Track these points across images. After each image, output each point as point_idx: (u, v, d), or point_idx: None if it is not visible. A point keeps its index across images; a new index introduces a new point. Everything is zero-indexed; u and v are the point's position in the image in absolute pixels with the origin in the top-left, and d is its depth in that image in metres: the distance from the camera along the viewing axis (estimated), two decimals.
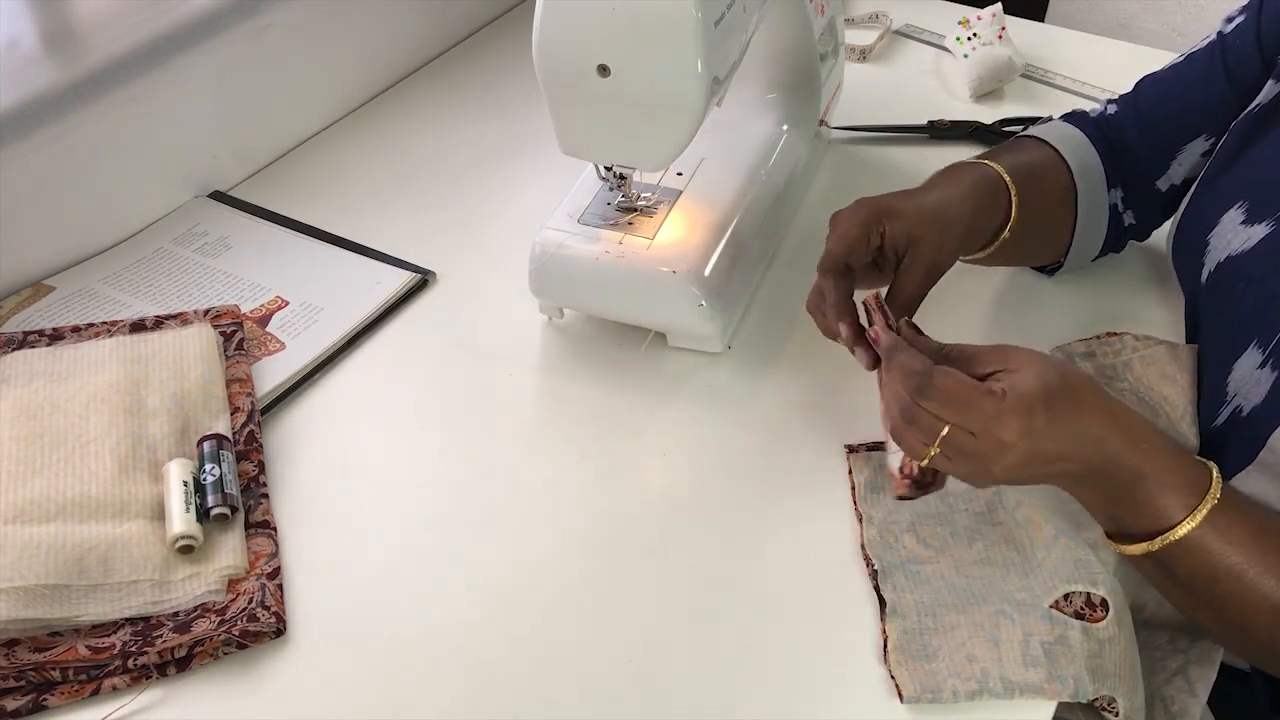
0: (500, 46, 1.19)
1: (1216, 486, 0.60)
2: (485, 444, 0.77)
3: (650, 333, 0.83)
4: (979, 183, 0.75)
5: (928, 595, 0.65)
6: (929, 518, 0.69)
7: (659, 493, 0.74)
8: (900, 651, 0.63)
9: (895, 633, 0.64)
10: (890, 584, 0.66)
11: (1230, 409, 0.70)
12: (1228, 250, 0.70)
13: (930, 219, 0.71)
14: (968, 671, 0.61)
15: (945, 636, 0.63)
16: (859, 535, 0.70)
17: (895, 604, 0.65)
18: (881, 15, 1.21)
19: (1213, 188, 0.75)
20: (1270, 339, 0.66)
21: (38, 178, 0.83)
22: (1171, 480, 0.60)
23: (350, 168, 1.02)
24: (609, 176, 0.80)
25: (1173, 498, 0.60)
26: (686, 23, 0.66)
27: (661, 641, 0.65)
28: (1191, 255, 0.75)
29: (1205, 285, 0.74)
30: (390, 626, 0.66)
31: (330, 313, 0.84)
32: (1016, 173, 0.76)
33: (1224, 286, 0.72)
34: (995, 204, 0.75)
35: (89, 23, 0.87)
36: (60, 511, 0.66)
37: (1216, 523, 0.59)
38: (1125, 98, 0.84)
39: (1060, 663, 0.61)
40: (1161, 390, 0.75)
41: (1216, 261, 0.72)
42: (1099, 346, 0.80)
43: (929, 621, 0.64)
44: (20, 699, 0.60)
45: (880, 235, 0.70)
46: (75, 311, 0.83)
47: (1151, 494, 0.60)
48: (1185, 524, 0.59)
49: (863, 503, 0.71)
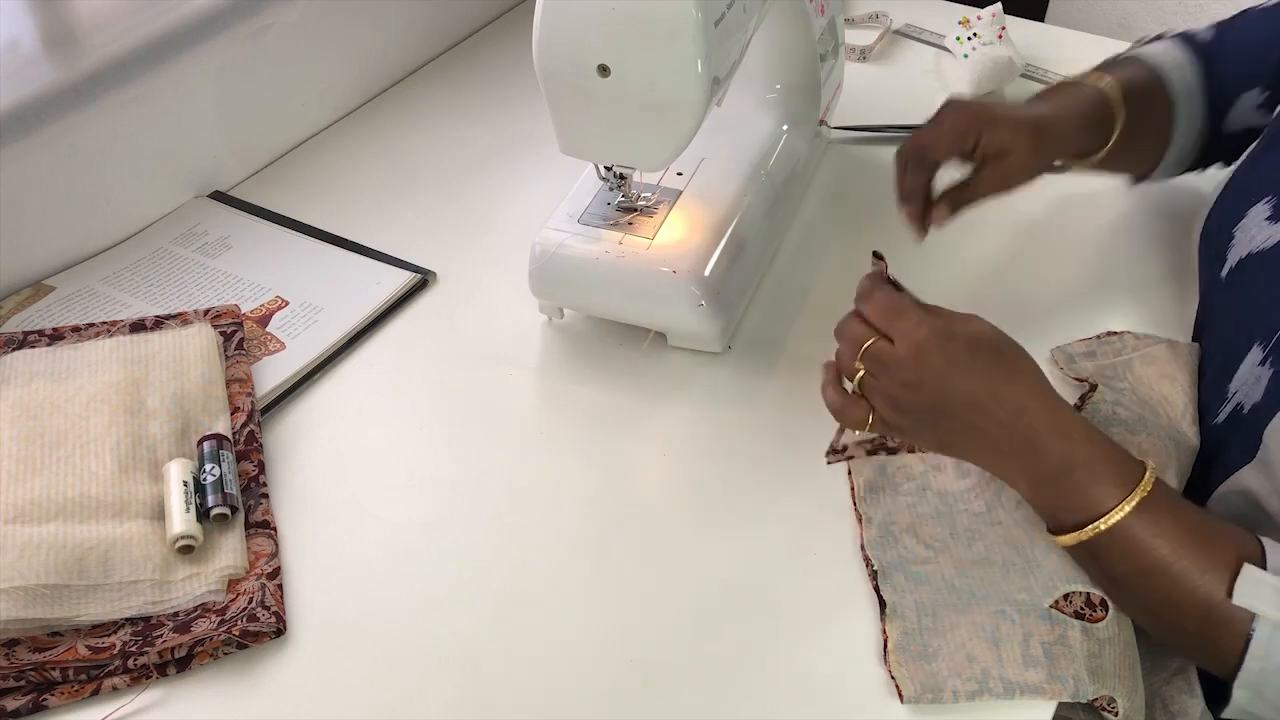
0: (500, 46, 1.19)
1: (1149, 479, 0.60)
2: (485, 444, 0.77)
3: (650, 333, 0.83)
4: (1090, 104, 0.78)
5: (927, 596, 0.65)
6: (929, 518, 0.69)
7: (658, 493, 0.74)
8: (900, 652, 0.63)
9: (895, 633, 0.64)
10: (890, 584, 0.66)
11: (1232, 406, 0.70)
12: (1250, 247, 0.70)
13: (1028, 137, 0.75)
14: (968, 672, 0.61)
15: (945, 637, 0.63)
16: (859, 536, 0.70)
17: (895, 604, 0.65)
18: (881, 15, 1.21)
19: (1247, 178, 0.75)
20: (1271, 335, 0.66)
21: (38, 178, 0.83)
22: (1102, 471, 0.61)
23: (350, 168, 1.02)
24: (609, 176, 0.80)
25: (1103, 488, 0.60)
26: (686, 23, 0.66)
27: (661, 641, 0.65)
28: (1216, 248, 0.75)
29: (1225, 280, 0.74)
30: (390, 626, 0.66)
31: (330, 313, 0.84)
32: (1129, 98, 0.78)
33: (1242, 283, 0.72)
34: (1101, 126, 0.78)
35: (89, 23, 0.87)
36: (60, 511, 0.66)
37: (1146, 514, 0.59)
38: (1223, 25, 0.85)
39: (1060, 663, 0.61)
40: (1161, 390, 0.75)
41: (1239, 258, 0.72)
42: (1099, 346, 0.80)
43: (929, 622, 0.64)
44: (20, 699, 0.60)
45: (975, 141, 0.74)
46: (75, 311, 0.83)
47: (1081, 484, 0.61)
48: (1115, 513, 0.59)
49: (863, 503, 0.71)
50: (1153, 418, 0.73)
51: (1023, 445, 0.62)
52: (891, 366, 0.63)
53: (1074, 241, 0.93)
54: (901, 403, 0.63)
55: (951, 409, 0.63)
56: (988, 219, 0.96)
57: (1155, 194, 0.96)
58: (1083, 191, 0.97)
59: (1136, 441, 0.70)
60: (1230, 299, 0.74)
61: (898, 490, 0.71)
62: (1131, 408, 0.74)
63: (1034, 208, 0.95)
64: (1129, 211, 0.95)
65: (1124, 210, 0.96)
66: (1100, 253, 0.92)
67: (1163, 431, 0.72)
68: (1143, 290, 0.88)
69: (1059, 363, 0.79)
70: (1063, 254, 0.92)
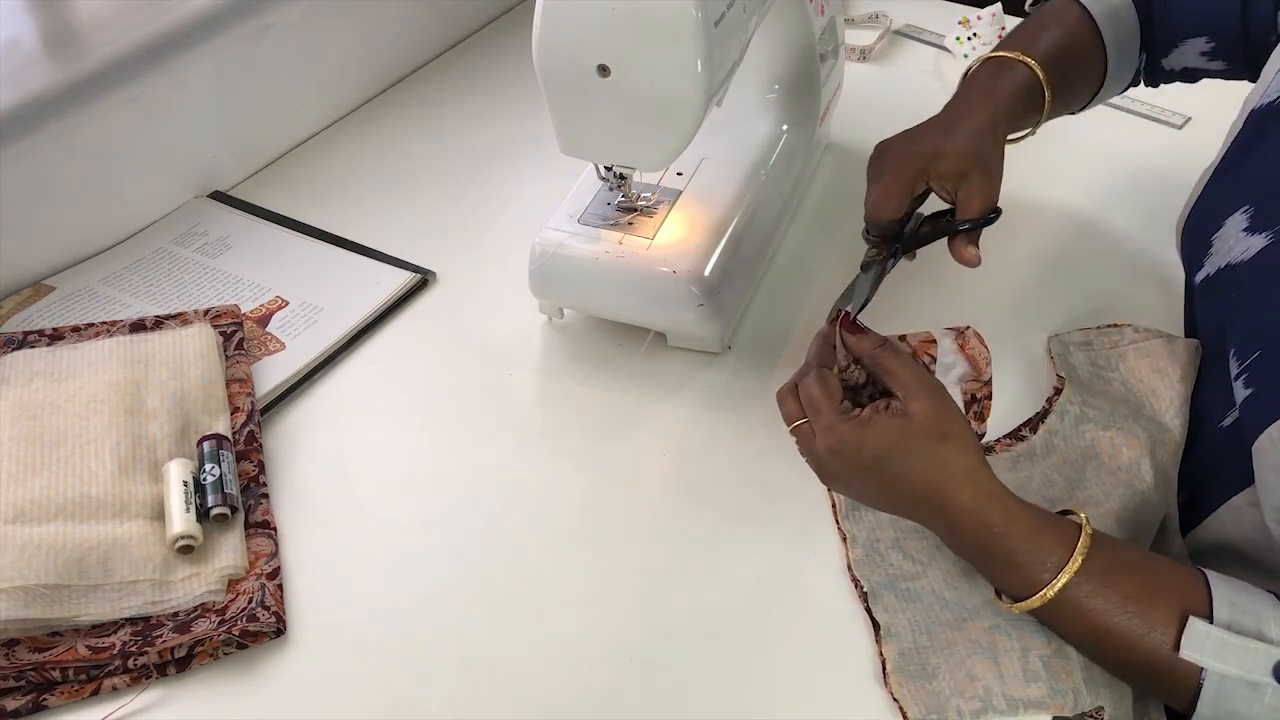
0: (500, 46, 1.19)
1: (1084, 543, 0.60)
2: (485, 444, 0.77)
3: (650, 333, 0.83)
4: (1014, 93, 0.77)
5: (920, 613, 0.65)
6: (911, 532, 0.69)
7: (658, 493, 0.74)
8: (900, 673, 0.62)
9: (892, 654, 0.63)
10: (881, 605, 0.65)
11: (1222, 416, 0.70)
12: (1228, 258, 0.70)
13: (972, 156, 0.74)
14: (970, 690, 0.61)
15: (943, 655, 0.63)
16: (844, 555, 0.69)
17: (889, 625, 0.64)
18: (881, 15, 1.21)
19: (1225, 180, 0.74)
20: (1247, 353, 0.66)
21: (38, 178, 0.83)
22: (1033, 547, 0.60)
23: (350, 168, 1.02)
24: (609, 176, 0.80)
25: (1036, 564, 0.60)
26: (686, 23, 0.66)
27: (660, 641, 0.65)
28: (1196, 251, 0.75)
29: (1201, 286, 0.74)
30: (390, 626, 0.66)
31: (330, 313, 0.84)
32: (1050, 65, 0.78)
33: (1218, 293, 0.72)
34: (1031, 103, 0.78)
35: (89, 23, 0.87)
36: (60, 511, 0.66)
37: (1085, 581, 0.59)
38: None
39: (1060, 676, 0.61)
40: (1150, 383, 0.75)
41: (1217, 266, 0.72)
42: (1097, 337, 0.80)
43: (925, 640, 0.63)
44: (20, 699, 0.60)
45: (924, 184, 0.75)
46: (75, 311, 0.83)
47: (1017, 563, 0.60)
48: (1052, 586, 0.59)
49: (845, 521, 0.70)
50: (1137, 408, 0.74)
51: (946, 534, 0.63)
52: (810, 453, 0.64)
53: (1074, 234, 0.93)
54: (826, 474, 0.65)
55: (869, 500, 0.66)
56: None
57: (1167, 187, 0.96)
58: (1083, 186, 0.97)
59: (1108, 436, 0.71)
60: (1206, 309, 0.74)
61: None
62: (1104, 405, 0.74)
63: (1036, 200, 0.95)
64: (1131, 204, 0.96)
65: (1125, 203, 0.96)
66: (1100, 244, 0.93)
67: (1141, 424, 0.72)
68: (1143, 284, 0.88)
69: (1053, 352, 0.80)
70: (1062, 246, 0.92)
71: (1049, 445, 0.74)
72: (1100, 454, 0.72)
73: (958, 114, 0.77)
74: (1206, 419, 0.73)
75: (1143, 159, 1.01)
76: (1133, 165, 1.01)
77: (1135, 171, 1.00)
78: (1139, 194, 0.97)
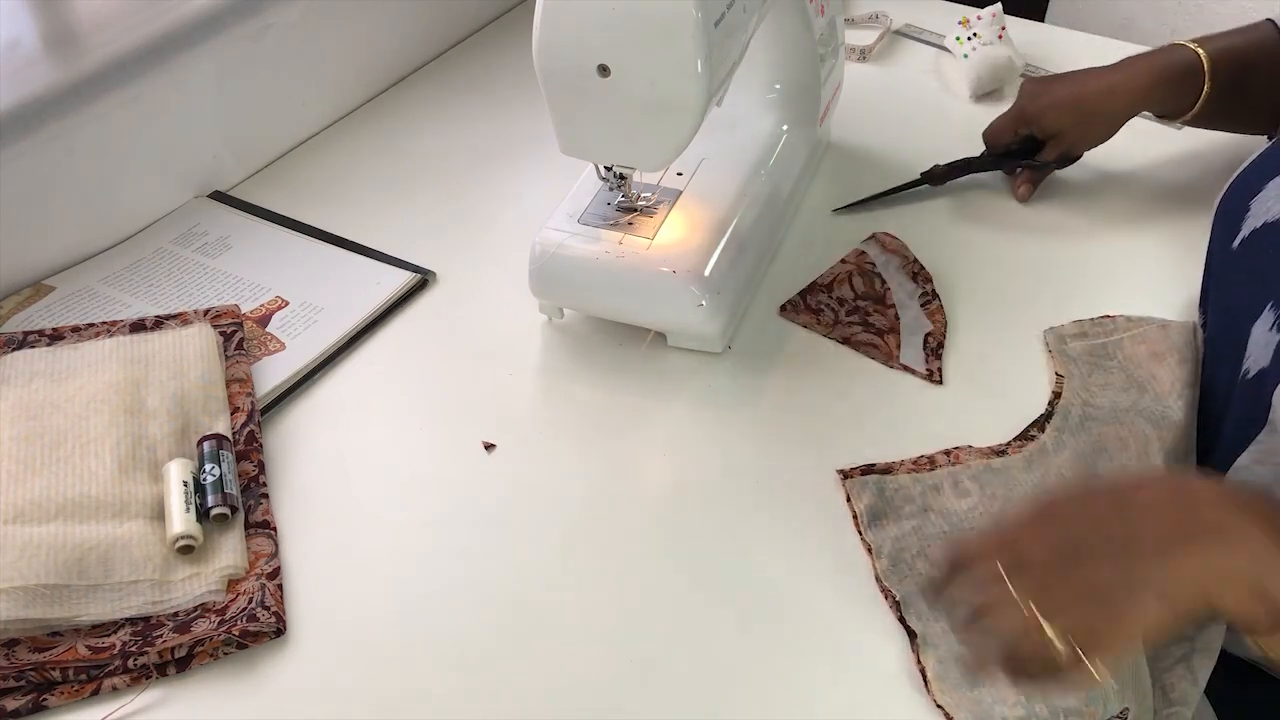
0: (500, 46, 1.19)
1: None
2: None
3: (650, 333, 0.83)
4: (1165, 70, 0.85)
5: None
6: (936, 540, 0.69)
7: (659, 493, 0.74)
8: (941, 680, 0.62)
9: (931, 663, 0.63)
10: (914, 613, 0.65)
11: (1241, 371, 0.70)
12: (1265, 217, 0.71)
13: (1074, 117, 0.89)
14: (1012, 698, 0.60)
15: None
16: (871, 566, 0.68)
17: (925, 634, 0.64)
18: (881, 15, 1.21)
19: (1272, 152, 0.75)
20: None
21: (38, 178, 0.83)
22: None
23: (350, 168, 1.02)
24: (609, 176, 0.80)
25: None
26: (686, 23, 0.66)
27: (662, 641, 0.65)
28: (1231, 218, 0.75)
29: (1236, 249, 0.74)
30: (390, 626, 0.66)
31: (330, 313, 0.84)
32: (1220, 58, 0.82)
33: (1254, 253, 0.72)
34: (1184, 86, 0.83)
35: (89, 23, 0.87)
36: (60, 511, 0.66)
37: None
38: None
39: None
40: (1150, 368, 0.76)
41: (1253, 228, 0.72)
42: (1091, 327, 0.82)
43: (960, 648, 0.63)
44: (20, 699, 0.60)
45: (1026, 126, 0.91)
46: (75, 311, 0.83)
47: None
48: None
49: (868, 532, 0.70)
50: (1139, 394, 0.74)
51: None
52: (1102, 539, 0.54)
53: (1073, 225, 0.93)
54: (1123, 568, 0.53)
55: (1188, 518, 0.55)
56: (983, 209, 0.96)
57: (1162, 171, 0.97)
58: (1082, 179, 0.97)
59: (1113, 432, 0.72)
60: (1242, 267, 0.74)
61: (899, 514, 0.70)
62: (1105, 400, 0.75)
63: (1036, 200, 0.95)
64: (1131, 204, 0.96)
65: (1125, 203, 0.96)
66: (1101, 228, 0.93)
67: (1143, 414, 0.73)
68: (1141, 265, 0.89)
69: (1050, 344, 0.81)
70: (1062, 234, 0.92)
71: (1059, 442, 0.74)
72: (1109, 448, 0.73)
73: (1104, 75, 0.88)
74: (1211, 382, 0.73)
75: (1143, 158, 1.01)
76: (1133, 165, 1.01)
77: (1135, 171, 1.00)
78: (1139, 194, 0.97)
